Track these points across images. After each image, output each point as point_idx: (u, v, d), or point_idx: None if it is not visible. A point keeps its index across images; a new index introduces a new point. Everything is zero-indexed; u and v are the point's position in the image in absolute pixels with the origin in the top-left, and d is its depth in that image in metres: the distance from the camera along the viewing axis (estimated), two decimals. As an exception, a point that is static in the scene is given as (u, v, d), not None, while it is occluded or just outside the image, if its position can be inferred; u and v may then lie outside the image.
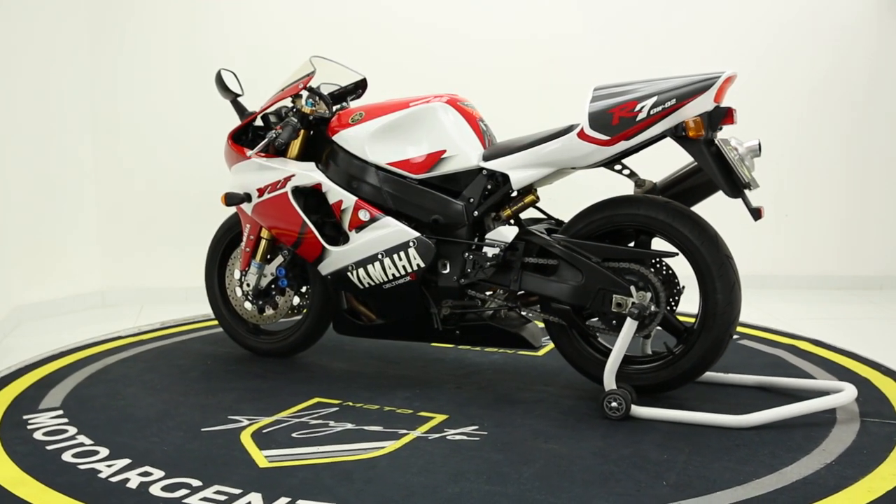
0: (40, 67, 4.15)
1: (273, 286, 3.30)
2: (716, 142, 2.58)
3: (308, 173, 3.01)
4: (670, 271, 2.72)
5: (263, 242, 3.25)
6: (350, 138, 3.00)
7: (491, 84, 4.44)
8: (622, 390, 2.63)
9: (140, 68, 4.45)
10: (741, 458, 2.28)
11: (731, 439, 2.42)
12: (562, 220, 2.97)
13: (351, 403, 2.80)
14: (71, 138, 4.34)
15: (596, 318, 2.79)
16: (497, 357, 3.34)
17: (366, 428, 2.56)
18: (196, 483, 2.16)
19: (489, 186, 2.86)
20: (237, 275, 3.37)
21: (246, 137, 3.24)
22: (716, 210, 2.98)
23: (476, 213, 2.87)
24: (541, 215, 3.05)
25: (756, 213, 2.57)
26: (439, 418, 2.64)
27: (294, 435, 2.51)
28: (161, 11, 4.44)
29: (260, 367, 3.24)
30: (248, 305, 3.33)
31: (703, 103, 2.55)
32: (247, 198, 3.14)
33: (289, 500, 2.06)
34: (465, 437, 2.47)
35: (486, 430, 2.53)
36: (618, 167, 2.80)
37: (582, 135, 2.66)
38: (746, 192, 2.58)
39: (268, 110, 3.20)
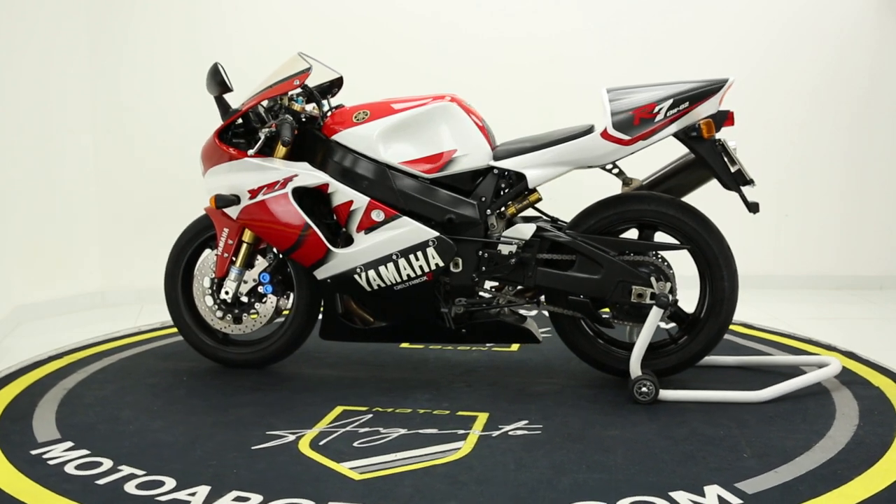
0: (40, 67, 4.08)
1: (250, 294, 3.11)
2: (720, 142, 2.80)
3: (313, 173, 2.88)
4: (667, 263, 2.92)
5: (245, 247, 3.06)
6: (356, 137, 2.90)
7: (490, 83, 4.39)
8: (649, 375, 2.78)
9: (140, 68, 4.36)
10: (786, 428, 2.52)
11: (760, 412, 2.65)
12: (557, 218, 3.08)
13: (380, 409, 2.72)
14: (71, 138, 4.26)
15: (607, 309, 2.93)
16: (476, 355, 3.37)
17: (421, 431, 2.51)
18: (309, 503, 2.02)
19: (502, 185, 2.91)
20: (207, 283, 3.14)
21: (227, 136, 3.03)
22: (715, 210, 3.13)
23: (489, 211, 2.90)
24: (536, 213, 3.13)
25: (755, 207, 2.82)
26: (483, 416, 2.65)
27: (356, 445, 2.41)
28: (162, 10, 4.34)
29: (247, 380, 3.04)
30: (220, 314, 3.12)
31: (712, 106, 2.77)
32: (236, 200, 2.94)
33: (421, 508, 2.01)
34: (527, 432, 2.51)
35: (539, 424, 2.57)
36: (609, 165, 2.96)
37: (605, 135, 2.78)
38: (744, 188, 2.83)
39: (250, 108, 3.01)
